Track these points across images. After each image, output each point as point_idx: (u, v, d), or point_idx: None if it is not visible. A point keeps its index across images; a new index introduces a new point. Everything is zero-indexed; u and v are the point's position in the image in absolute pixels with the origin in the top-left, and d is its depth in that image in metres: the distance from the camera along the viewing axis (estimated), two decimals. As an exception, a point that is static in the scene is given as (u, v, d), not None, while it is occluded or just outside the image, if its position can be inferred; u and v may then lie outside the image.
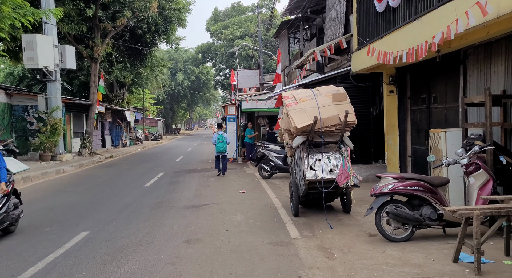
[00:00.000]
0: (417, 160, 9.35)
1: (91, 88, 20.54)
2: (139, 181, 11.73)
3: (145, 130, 42.92)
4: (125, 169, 15.27)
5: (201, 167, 15.62)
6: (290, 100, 6.22)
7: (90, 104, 20.37)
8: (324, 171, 6.07)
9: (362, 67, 9.24)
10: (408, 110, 9.66)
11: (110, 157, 20.73)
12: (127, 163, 17.73)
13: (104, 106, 22.90)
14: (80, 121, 21.89)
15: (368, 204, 7.41)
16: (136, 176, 13.13)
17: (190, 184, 11.08)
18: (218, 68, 48.51)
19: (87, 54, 19.79)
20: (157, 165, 16.68)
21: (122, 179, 12.47)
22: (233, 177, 12.45)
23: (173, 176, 12.93)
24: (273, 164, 11.49)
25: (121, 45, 23.16)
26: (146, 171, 14.38)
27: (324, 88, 6.44)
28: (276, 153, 11.57)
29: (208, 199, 8.73)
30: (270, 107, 15.57)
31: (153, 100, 52.64)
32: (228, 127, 17.72)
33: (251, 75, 19.47)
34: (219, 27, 44.71)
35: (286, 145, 7.27)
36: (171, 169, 14.90)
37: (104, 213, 7.41)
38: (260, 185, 10.66)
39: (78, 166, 15.88)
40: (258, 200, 8.45)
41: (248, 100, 16.10)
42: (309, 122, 5.81)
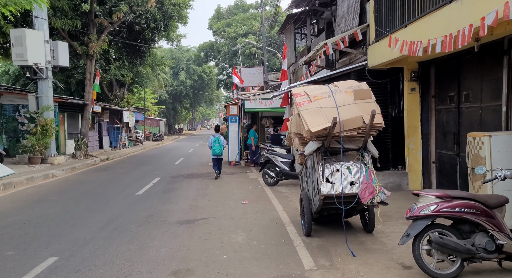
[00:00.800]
0: (443, 167, 8.23)
1: (86, 87, 19.52)
2: (131, 188, 10.67)
3: (146, 130, 41.95)
4: (120, 173, 14.22)
5: (201, 171, 14.55)
6: (302, 98, 5.13)
7: (85, 104, 19.35)
8: (344, 184, 4.98)
9: (381, 62, 8.13)
10: (432, 110, 8.54)
11: (106, 159, 19.71)
12: (122, 166, 16.69)
13: (100, 106, 21.89)
14: (75, 122, 20.90)
15: (393, 220, 6.34)
16: (130, 181, 12.07)
17: (187, 191, 10.01)
18: (221, 67, 47.45)
19: (82, 51, 18.77)
20: (154, 168, 15.63)
21: (113, 185, 11.42)
22: (235, 183, 11.37)
23: (170, 181, 11.87)
24: (278, 169, 10.40)
25: (118, 42, 22.12)
26: (141, 176, 13.33)
27: (343, 83, 5.35)
28: (282, 157, 10.48)
29: (206, 211, 7.65)
30: (275, 107, 14.49)
31: (154, 100, 51.67)
32: (230, 128, 16.64)
33: (254, 73, 18.40)
34: (222, 25, 43.64)
35: (296, 151, 6.17)
36: (168, 174, 13.84)
37: (82, 230, 6.34)
38: (264, 193, 9.57)
39: (69, 170, 14.85)
40: (262, 213, 7.36)
41: (251, 100, 15.02)
42: (326, 125, 4.72)
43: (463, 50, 6.84)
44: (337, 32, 10.72)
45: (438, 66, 8.32)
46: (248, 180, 12.07)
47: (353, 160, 5.09)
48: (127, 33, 21.92)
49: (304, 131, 4.89)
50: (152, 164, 17.66)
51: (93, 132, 23.29)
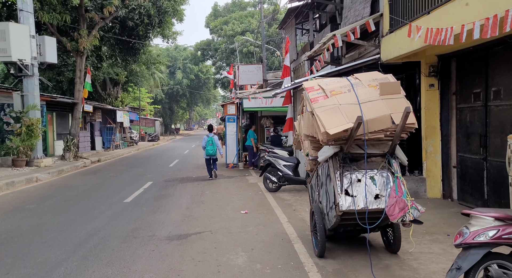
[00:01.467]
0: (466, 172, 7.37)
1: (76, 85, 18.55)
2: (120, 194, 9.75)
3: (141, 131, 40.96)
4: (109, 177, 13.28)
5: (196, 174, 13.63)
6: (316, 93, 4.23)
7: (75, 103, 18.38)
8: (368, 198, 4.09)
9: (397, 54, 7.26)
10: (453, 109, 7.68)
11: (98, 161, 18.75)
12: (113, 169, 15.74)
13: (92, 105, 20.92)
14: (65, 122, 19.92)
15: (418, 235, 5.40)
16: (119, 186, 11.15)
17: (180, 198, 9.09)
18: (218, 66, 46.51)
19: (72, 47, 17.80)
20: (147, 171, 14.70)
21: (101, 190, 10.49)
22: (233, 188, 10.47)
23: (162, 186, 10.95)
24: (281, 174, 9.50)
25: (111, 38, 21.15)
26: (132, 180, 12.40)
27: (365, 75, 4.46)
28: (285, 161, 9.58)
29: (200, 223, 6.74)
30: (276, 106, 13.61)
31: (150, 99, 50.68)
32: (228, 128, 15.74)
33: (253, 70, 17.51)
34: (219, 23, 42.70)
35: (306, 157, 5.27)
36: (161, 177, 12.91)
37: (56, 248, 5.43)
38: (266, 200, 8.67)
39: (56, 173, 13.90)
40: (265, 226, 6.46)
41: (250, 98, 14.13)
42: (347, 126, 3.83)
43: (493, 41, 5.99)
44: (344, 24, 9.84)
45: (460, 60, 7.46)
46: (247, 184, 11.17)
47: (377, 168, 4.21)
48: (119, 29, 20.97)
49: (320, 134, 4.00)
50: (145, 166, 16.73)
51: (85, 133, 22.32)
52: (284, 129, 10.89)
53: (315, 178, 5.25)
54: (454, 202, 7.62)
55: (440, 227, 5.82)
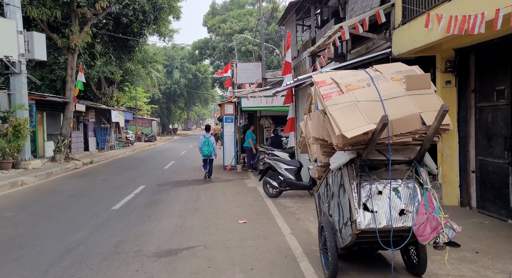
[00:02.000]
0: (487, 178, 6.69)
1: (68, 84, 17.82)
2: (108, 200, 9.03)
3: (137, 131, 40.19)
4: (100, 180, 12.56)
5: (192, 177, 12.92)
6: (329, 88, 3.53)
7: (66, 102, 17.65)
8: (392, 214, 3.39)
9: (412, 48, 6.57)
10: (472, 108, 7.00)
11: (90, 163, 18.03)
12: (105, 171, 15.02)
13: (84, 105, 20.17)
14: (56, 122, 19.16)
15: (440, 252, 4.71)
16: (109, 191, 10.43)
17: (173, 205, 8.38)
18: (216, 65, 45.76)
19: (63, 44, 17.08)
20: (141, 174, 13.97)
21: (89, 195, 9.78)
22: (231, 193, 9.76)
23: (155, 191, 10.23)
24: (282, 178, 8.79)
25: (104, 35, 20.42)
26: (123, 183, 11.68)
27: (386, 67, 3.75)
28: (287, 164, 8.88)
29: (193, 235, 6.04)
30: (276, 106, 12.92)
31: (147, 99, 49.91)
32: (226, 129, 15.03)
33: (252, 68, 16.81)
34: (216, 21, 41.96)
35: (314, 162, 4.57)
36: (155, 180, 12.20)
37: (26, 268, 4.72)
38: (266, 207, 7.97)
39: (44, 176, 13.18)
40: (265, 239, 5.76)
41: (249, 97, 13.42)
42: (369, 128, 3.13)
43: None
44: (350, 16, 9.14)
45: (480, 54, 6.78)
46: (246, 189, 10.47)
47: (402, 178, 3.51)
48: (113, 26, 20.25)
49: (334, 137, 3.30)
50: (139, 168, 16.00)
51: (78, 133, 21.59)
52: (285, 130, 10.20)
53: (323, 187, 4.56)
54: (473, 211, 6.93)
55: (465, 241, 5.13)
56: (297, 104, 9.97)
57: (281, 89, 9.39)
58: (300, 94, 9.79)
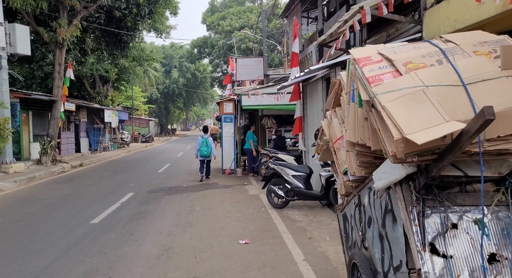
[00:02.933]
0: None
1: (55, 81, 16.62)
2: (89, 211, 7.85)
3: (134, 131, 38.99)
4: (86, 186, 11.36)
5: (188, 182, 11.73)
6: (378, 67, 2.34)
7: (54, 101, 16.45)
8: (475, 261, 2.21)
9: (452, 30, 5.37)
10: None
11: (79, 166, 16.83)
12: (94, 175, 13.82)
13: (74, 104, 18.95)
14: (44, 122, 17.96)
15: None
16: (92, 199, 9.24)
17: (162, 219, 7.19)
18: (215, 64, 44.63)
19: (49, 38, 15.87)
20: (132, 178, 12.78)
21: (68, 205, 8.58)
22: (230, 202, 8.57)
23: (144, 200, 9.04)
24: (289, 186, 7.60)
25: (95, 30, 19.23)
26: (111, 190, 10.49)
27: (462, 36, 2.55)
28: (294, 170, 7.68)
29: (183, 262, 4.85)
30: (280, 104, 11.75)
31: (144, 98, 48.73)
32: (224, 129, 13.84)
33: (253, 64, 15.62)
34: (216, 18, 40.79)
35: (341, 175, 3.36)
36: (146, 186, 11.01)
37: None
38: (271, 222, 6.79)
39: (25, 181, 11.99)
40: (273, 269, 4.57)
41: (250, 95, 12.23)
42: (453, 128, 1.95)
43: None
44: (368, 1, 7.93)
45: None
46: (247, 197, 9.27)
47: (489, 204, 2.33)
48: (105, 19, 19.03)
49: (390, 142, 2.12)
50: (131, 171, 14.81)
51: (68, 134, 20.39)
52: (293, 131, 9.00)
53: (353, 207, 3.38)
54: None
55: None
56: (305, 102, 8.78)
57: (287, 84, 8.20)
58: (308, 90, 8.61)
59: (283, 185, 7.77)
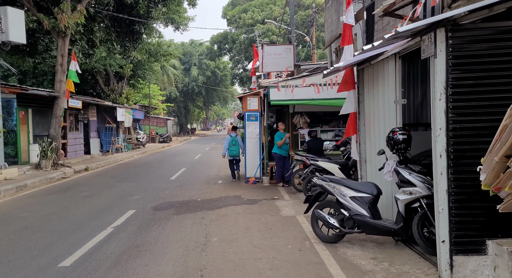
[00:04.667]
0: None
1: (57, 74, 14.77)
2: (67, 242, 5.73)
3: (151, 131, 37.27)
4: (80, 198, 9.32)
5: (204, 194, 9.53)
6: None
7: (55, 97, 14.59)
8: None
9: None
10: None
11: (85, 170, 14.95)
12: (96, 183, 11.81)
13: (80, 100, 17.07)
14: (47, 121, 16.13)
15: None
16: (80, 220, 7.14)
17: (164, 259, 4.97)
18: (236, 60, 42.44)
19: (50, 25, 14.00)
20: (138, 188, 10.70)
21: (45, 230, 6.51)
22: (258, 229, 6.29)
23: (145, 223, 6.87)
24: (347, 213, 5.22)
25: (104, 18, 17.31)
26: (108, 205, 8.40)
27: None
28: (354, 189, 5.27)
29: None
30: (320, 98, 9.41)
31: (162, 97, 47.11)
32: (248, 129, 11.58)
33: (281, 53, 13.28)
34: (237, 11, 38.60)
35: None
36: (153, 200, 8.88)
37: None
38: (325, 272, 4.45)
39: (13, 191, 10.10)
40: None
41: (280, 87, 9.92)
42: None
43: None
44: None
45: None
46: (280, 219, 6.97)
47: None
48: (115, 7, 17.10)
49: None
50: (140, 178, 12.74)
51: (76, 134, 18.59)
52: (346, 133, 6.61)
53: None
54: None
55: None
56: (362, 92, 6.40)
57: (342, 64, 5.81)
58: (367, 76, 6.23)
59: (336, 210, 5.42)
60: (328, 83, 8.88)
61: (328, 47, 13.20)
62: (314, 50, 21.61)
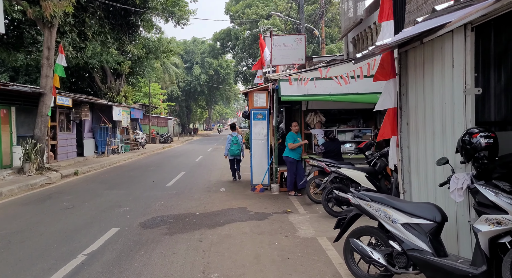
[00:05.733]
0: None
1: (43, 68, 13.38)
2: (23, 275, 4.34)
3: (152, 131, 35.90)
4: (58, 211, 7.92)
5: (204, 206, 8.10)
6: None
7: (41, 94, 13.21)
8: None
9: None
10: None
11: (74, 174, 13.57)
12: (82, 191, 10.41)
13: (70, 98, 15.63)
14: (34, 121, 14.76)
15: None
16: (48, 243, 5.74)
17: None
18: (239, 58, 40.99)
19: (34, 14, 12.61)
20: (128, 197, 9.28)
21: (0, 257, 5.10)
22: (271, 258, 4.86)
23: (128, 247, 5.45)
24: (397, 247, 3.76)
25: (97, 9, 15.90)
26: (88, 221, 6.99)
27: None
28: (408, 214, 3.78)
29: None
30: (341, 93, 7.97)
31: (163, 96, 45.75)
32: (254, 130, 10.14)
33: (291, 43, 11.78)
34: (240, 7, 37.15)
35: None
36: (142, 214, 7.46)
37: None
38: None
39: (-18, 200, 8.70)
40: None
41: (292, 80, 8.47)
42: None
43: None
44: None
45: None
46: (297, 243, 5.53)
47: None
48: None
49: None
50: (133, 184, 11.34)
51: (68, 134, 17.22)
52: (380, 134, 5.14)
53: None
54: None
55: None
56: (406, 81, 4.95)
57: (389, 41, 4.37)
58: (413, 60, 4.77)
59: (380, 240, 3.97)
60: (352, 76, 7.40)
61: (344, 37, 11.72)
62: (324, 45, 20.13)
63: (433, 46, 4.28)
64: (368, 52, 4.98)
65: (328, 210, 6.95)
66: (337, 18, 32.15)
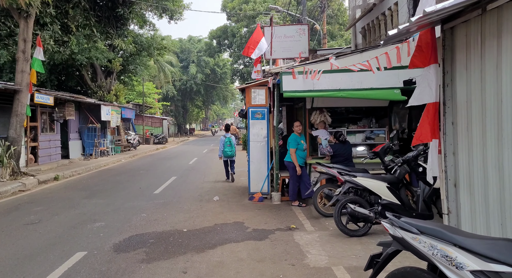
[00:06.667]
0: None
1: (19, 63, 12.13)
2: None
3: (146, 131, 34.63)
4: (20, 227, 6.68)
5: (194, 220, 6.88)
6: None
7: (16, 91, 11.95)
8: None
9: None
10: None
11: (54, 179, 12.32)
12: (57, 200, 9.17)
13: (52, 96, 14.33)
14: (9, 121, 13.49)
15: None
16: (-10, 275, 4.52)
17: None
18: (236, 55, 39.77)
19: (7, 2, 11.35)
20: (107, 208, 8.05)
21: None
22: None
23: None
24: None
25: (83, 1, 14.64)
26: (51, 241, 5.77)
27: None
28: (479, 255, 2.60)
29: None
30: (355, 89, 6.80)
31: (158, 95, 44.47)
32: (252, 131, 8.93)
33: (293, 35, 10.57)
34: (237, 3, 35.93)
35: None
36: (118, 232, 6.23)
37: None
38: None
39: None
40: None
41: (296, 73, 7.27)
42: None
43: None
44: None
45: None
46: (307, 275, 4.32)
47: None
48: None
49: None
50: (116, 191, 10.11)
51: (50, 135, 15.94)
52: (417, 137, 3.92)
53: None
54: None
55: None
56: (452, 68, 3.77)
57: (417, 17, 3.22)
58: (463, 40, 3.60)
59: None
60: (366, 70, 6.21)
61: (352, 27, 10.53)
62: (325, 40, 18.95)
63: (501, 16, 3.08)
64: (402, 30, 3.78)
65: (342, 228, 5.75)
66: (337, 14, 31.03)
